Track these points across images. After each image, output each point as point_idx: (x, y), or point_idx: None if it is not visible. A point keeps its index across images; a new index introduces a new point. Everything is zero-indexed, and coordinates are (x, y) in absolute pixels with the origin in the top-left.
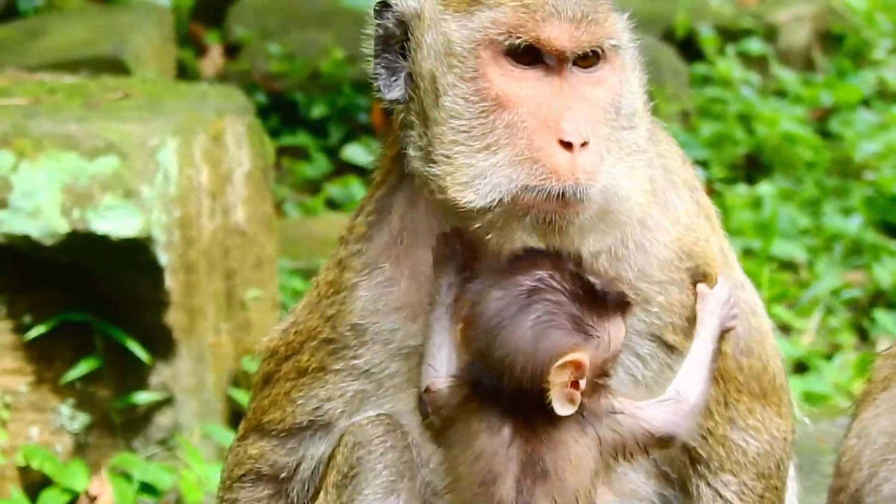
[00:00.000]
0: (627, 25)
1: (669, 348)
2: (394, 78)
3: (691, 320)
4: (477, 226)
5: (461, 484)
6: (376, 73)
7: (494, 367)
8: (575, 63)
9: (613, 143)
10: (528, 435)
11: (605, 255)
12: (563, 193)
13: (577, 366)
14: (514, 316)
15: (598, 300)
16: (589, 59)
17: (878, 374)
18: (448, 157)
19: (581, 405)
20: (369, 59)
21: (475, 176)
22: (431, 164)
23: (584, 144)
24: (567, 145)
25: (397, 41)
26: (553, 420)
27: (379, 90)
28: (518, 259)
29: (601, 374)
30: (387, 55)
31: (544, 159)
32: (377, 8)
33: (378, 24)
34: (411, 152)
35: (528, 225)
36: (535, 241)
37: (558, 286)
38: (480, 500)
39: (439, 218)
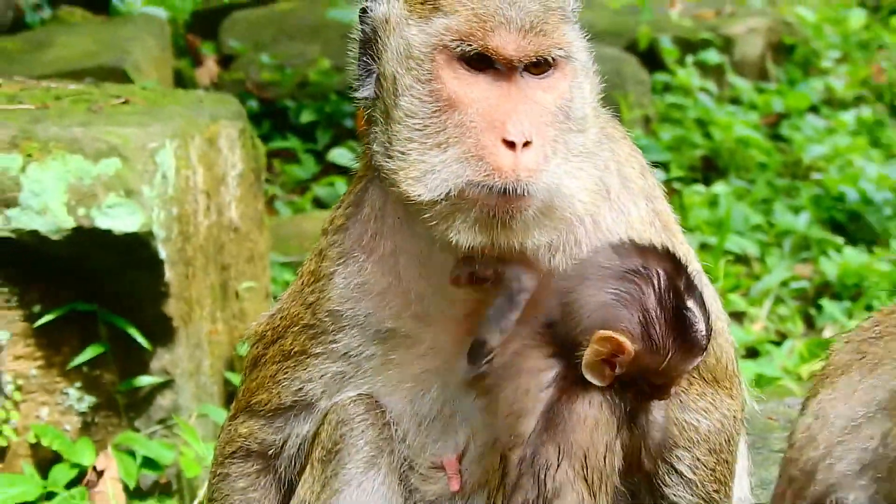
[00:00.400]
0: (580, 36)
1: None
2: (368, 78)
3: None
4: (427, 217)
5: (494, 420)
6: (356, 74)
7: (563, 307)
8: (527, 69)
9: (561, 145)
10: (563, 384)
11: (560, 255)
12: (505, 189)
13: (620, 347)
14: (607, 278)
15: (679, 322)
16: (540, 66)
17: (837, 357)
18: (403, 153)
19: (611, 386)
20: (353, 62)
21: (426, 171)
22: (388, 160)
23: (527, 144)
24: (510, 145)
25: (371, 44)
26: (585, 382)
27: (357, 89)
28: (640, 246)
29: (645, 378)
30: (364, 58)
31: (489, 157)
32: (360, 14)
33: (360, 29)
34: (375, 148)
35: (472, 218)
36: (480, 236)
37: (657, 285)
38: (503, 430)
39: (406, 213)
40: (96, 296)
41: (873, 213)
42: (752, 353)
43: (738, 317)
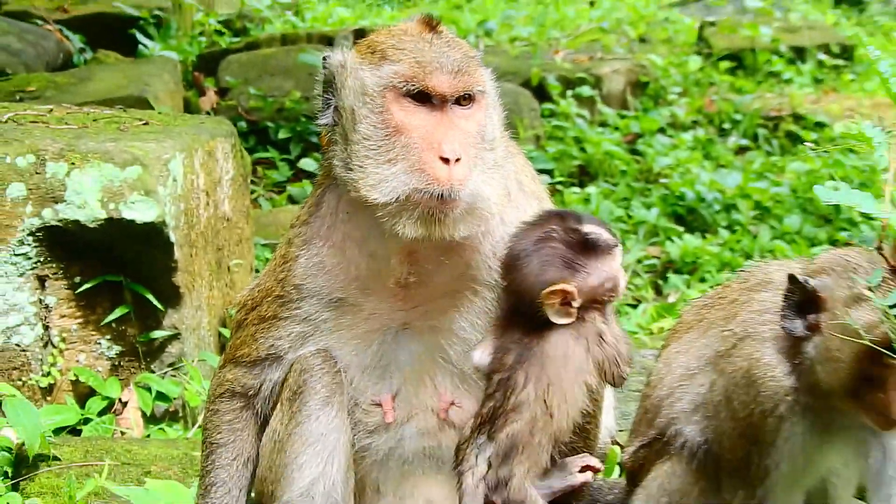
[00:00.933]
0: (491, 76)
1: None
2: (327, 109)
3: None
4: (380, 215)
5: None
6: (319, 106)
7: (516, 290)
8: (455, 102)
9: (479, 161)
10: (533, 335)
11: (463, 255)
12: (441, 194)
13: (565, 292)
14: (528, 256)
15: (589, 246)
16: (464, 100)
17: (685, 317)
18: (361, 167)
19: (579, 318)
20: (318, 97)
21: (380, 180)
22: (350, 171)
23: (457, 160)
24: (445, 161)
25: (330, 83)
26: (553, 326)
27: (320, 118)
28: (538, 218)
29: (593, 298)
30: (325, 94)
31: (429, 170)
32: (322, 60)
33: (322, 72)
34: (335, 162)
35: (416, 216)
36: (421, 229)
37: (558, 235)
38: (491, 384)
39: (354, 211)
40: (122, 269)
41: (706, 208)
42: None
43: None
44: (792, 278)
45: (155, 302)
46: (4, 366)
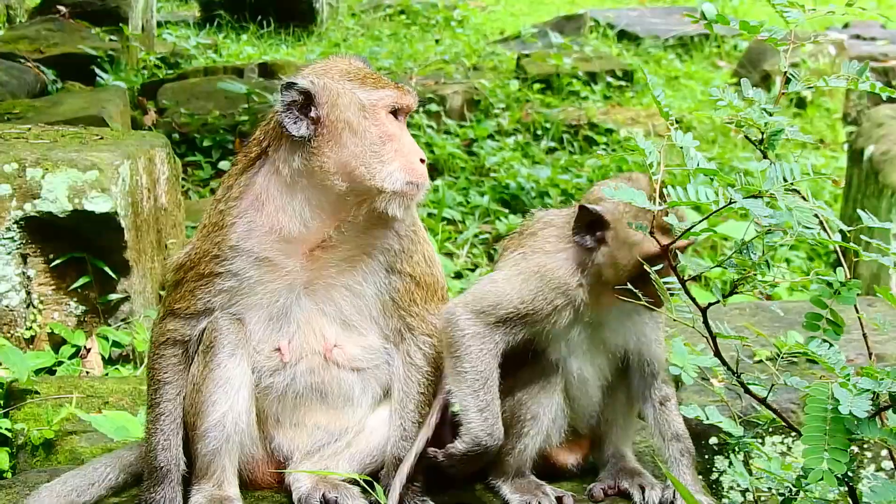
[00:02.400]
0: None
1: (400, 273)
2: (298, 122)
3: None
4: (381, 202)
5: None
6: (285, 121)
7: None
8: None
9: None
10: None
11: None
12: (423, 185)
13: None
14: None
15: None
16: (409, 115)
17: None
18: (369, 166)
19: None
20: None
21: (388, 174)
22: (353, 170)
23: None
24: (423, 161)
25: (300, 103)
26: None
27: (286, 129)
28: None
29: None
30: (292, 110)
31: (418, 167)
32: (284, 85)
33: (285, 94)
34: (316, 161)
35: (405, 201)
36: (403, 211)
37: None
38: None
39: (290, 189)
40: (85, 248)
41: (525, 195)
42: (458, 276)
43: (450, 255)
44: (582, 207)
45: (110, 273)
46: None
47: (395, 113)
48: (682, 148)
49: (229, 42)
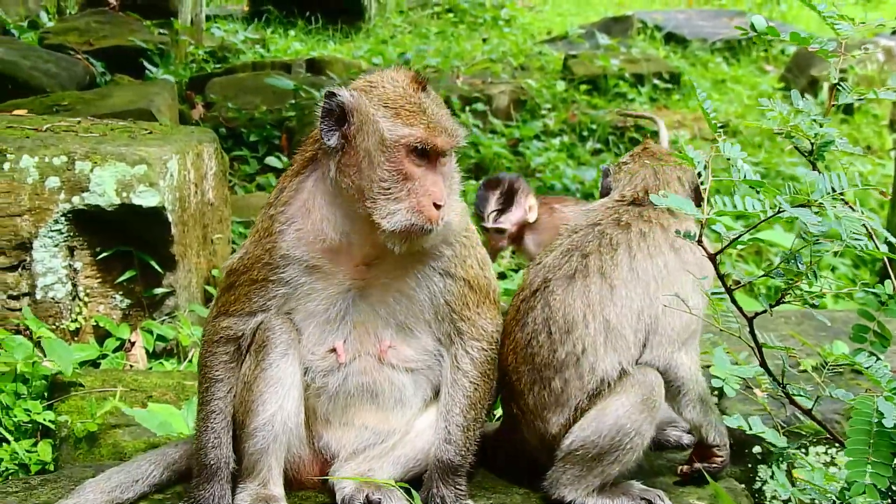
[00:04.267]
0: (464, 131)
1: (454, 277)
2: (331, 133)
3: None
4: (381, 235)
5: None
6: (321, 128)
7: None
8: (442, 154)
9: (448, 194)
10: None
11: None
12: (431, 229)
13: None
14: None
15: None
16: (445, 154)
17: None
18: (375, 200)
19: None
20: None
21: (389, 213)
22: (363, 199)
23: (443, 205)
24: (437, 206)
25: (336, 114)
26: None
27: (322, 137)
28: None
29: None
30: (329, 119)
31: (426, 211)
32: (327, 93)
33: (326, 102)
34: (339, 177)
35: (407, 240)
36: (406, 247)
37: None
38: None
39: (333, 200)
40: (132, 242)
41: (571, 196)
42: (502, 276)
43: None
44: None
45: (156, 266)
46: (43, 314)
47: (422, 151)
48: (728, 159)
49: (277, 37)
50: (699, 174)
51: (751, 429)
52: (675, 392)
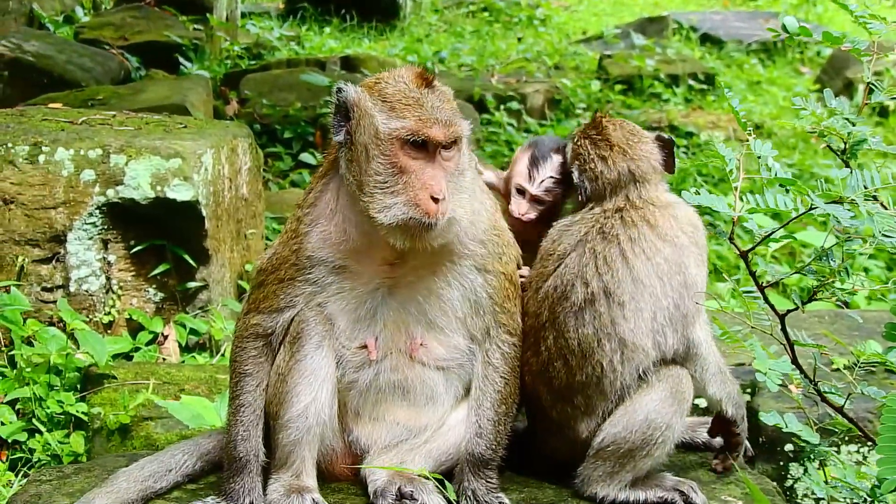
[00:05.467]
0: (468, 122)
1: (492, 272)
2: (339, 128)
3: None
4: (379, 230)
5: None
6: (331, 124)
7: None
8: (443, 147)
9: (455, 190)
10: None
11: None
12: (429, 224)
13: None
14: None
15: None
16: (449, 145)
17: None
18: (371, 195)
19: None
20: (327, 113)
21: (384, 207)
22: (361, 192)
23: (443, 199)
24: (435, 199)
25: (343, 110)
26: None
27: (333, 132)
28: None
29: None
30: (337, 115)
31: (423, 205)
32: (336, 90)
33: (336, 97)
34: (347, 174)
35: (408, 235)
36: (408, 243)
37: None
38: None
39: (353, 202)
40: (166, 235)
41: None
42: None
43: None
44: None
45: (190, 260)
46: (77, 306)
47: (418, 144)
48: (759, 157)
49: (312, 34)
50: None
51: (786, 426)
52: (698, 369)
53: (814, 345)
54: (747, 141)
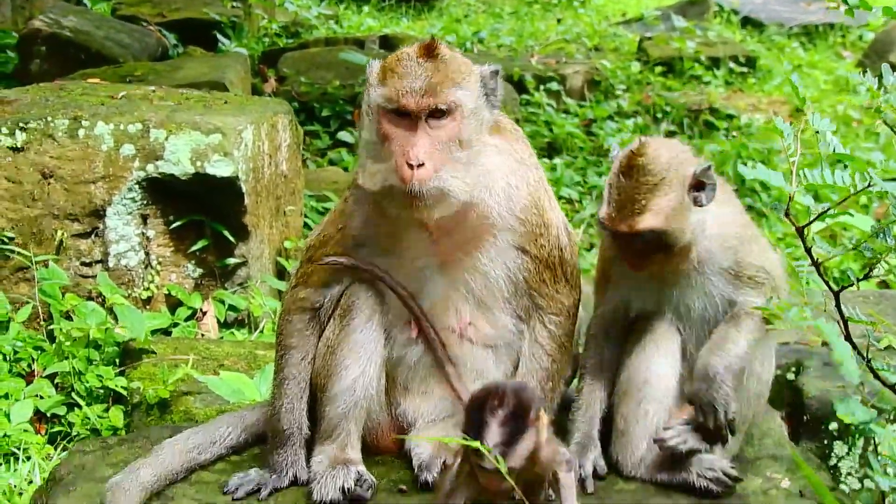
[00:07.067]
0: (474, 95)
1: (529, 254)
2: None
3: (537, 236)
4: (375, 199)
5: None
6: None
7: None
8: (431, 115)
9: (449, 161)
10: None
11: (474, 213)
12: (410, 191)
13: None
14: None
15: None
16: (437, 113)
17: None
18: (363, 164)
19: None
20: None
21: (370, 175)
22: (360, 162)
23: (421, 165)
24: (410, 165)
25: (365, 83)
26: None
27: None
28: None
29: None
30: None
31: (400, 171)
32: (369, 61)
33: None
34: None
35: (395, 202)
36: (401, 211)
37: None
38: None
39: None
40: (205, 211)
41: None
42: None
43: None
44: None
45: (229, 237)
46: (115, 282)
47: (397, 112)
48: (817, 132)
49: (350, 13)
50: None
51: (853, 417)
52: None
53: (867, 321)
54: (805, 118)
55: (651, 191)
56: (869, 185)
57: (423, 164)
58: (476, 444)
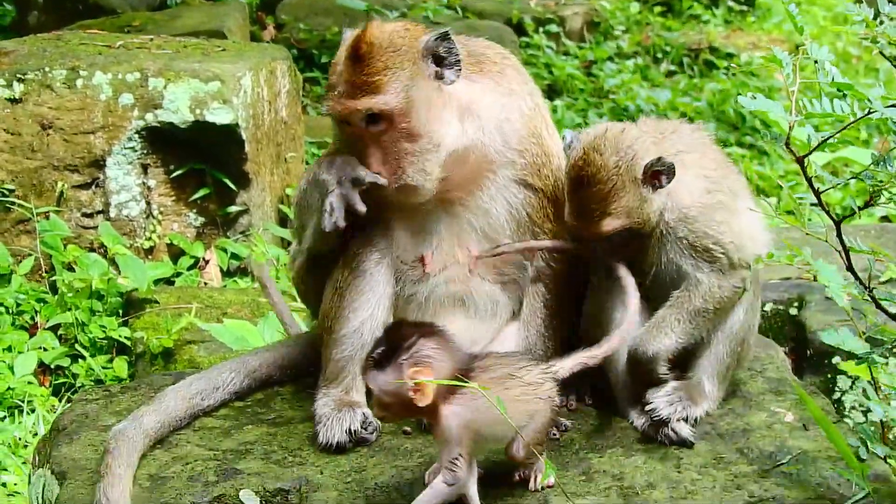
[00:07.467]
0: (401, 87)
1: (532, 187)
2: None
3: (539, 167)
4: None
5: None
6: None
7: None
8: (369, 122)
9: (404, 159)
10: None
11: (472, 155)
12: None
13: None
14: None
15: None
16: (370, 121)
17: None
18: None
19: None
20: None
21: None
22: None
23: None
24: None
25: None
26: None
27: None
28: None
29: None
30: None
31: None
32: None
33: None
34: None
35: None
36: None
37: None
38: None
39: None
40: (205, 159)
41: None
42: None
43: None
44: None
45: (230, 184)
46: (117, 232)
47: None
48: (816, 62)
49: None
50: (787, 76)
51: (844, 344)
52: None
53: (869, 251)
54: (804, 47)
55: (605, 198)
56: (869, 113)
57: (378, 172)
58: (473, 384)
